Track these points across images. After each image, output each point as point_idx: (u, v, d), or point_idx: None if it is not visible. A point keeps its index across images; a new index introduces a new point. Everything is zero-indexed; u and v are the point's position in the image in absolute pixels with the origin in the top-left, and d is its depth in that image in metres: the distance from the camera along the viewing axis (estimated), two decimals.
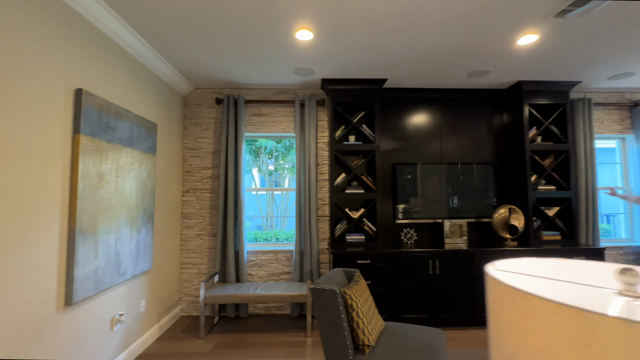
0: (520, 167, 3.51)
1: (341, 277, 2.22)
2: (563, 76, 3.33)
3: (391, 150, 3.68)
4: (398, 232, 3.60)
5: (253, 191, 5.88)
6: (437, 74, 3.25)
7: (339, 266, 3.03)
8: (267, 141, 5.08)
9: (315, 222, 3.41)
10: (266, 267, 3.54)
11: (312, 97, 3.52)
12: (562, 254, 3.11)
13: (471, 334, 2.94)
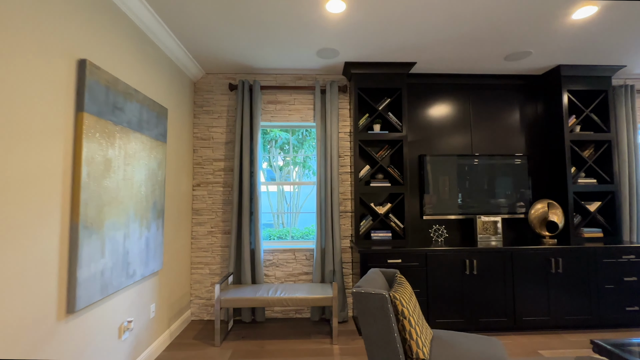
0: (558, 158, 3.25)
1: (381, 279, 1.95)
2: (606, 60, 3.07)
3: (417, 141, 3.41)
4: (426, 229, 3.33)
5: (266, 185, 5.60)
6: (471, 57, 2.98)
7: (367, 266, 2.76)
8: (280, 132, 4.81)
9: (338, 218, 3.14)
10: (284, 267, 3.26)
11: (333, 83, 3.25)
12: (606, 254, 2.85)
13: (513, 340, 2.68)
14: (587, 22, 2.39)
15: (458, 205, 3.27)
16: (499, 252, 2.82)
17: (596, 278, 2.84)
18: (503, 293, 2.80)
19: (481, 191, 3.30)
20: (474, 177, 3.30)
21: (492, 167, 3.32)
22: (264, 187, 5.68)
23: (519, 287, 2.80)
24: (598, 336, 2.73)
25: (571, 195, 3.15)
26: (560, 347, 2.55)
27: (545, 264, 2.83)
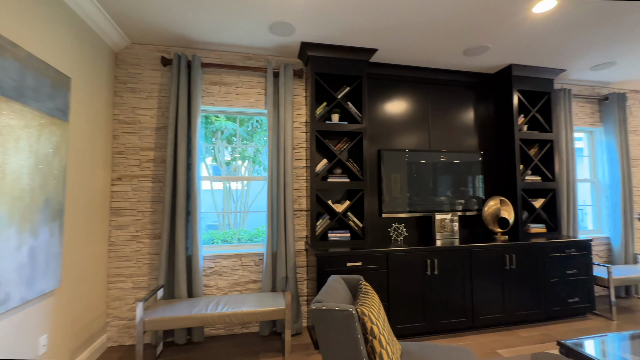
0: (508, 156, 3.31)
1: (343, 289, 1.65)
2: (550, 62, 3.20)
3: (377, 135, 3.22)
4: (385, 228, 3.15)
5: (209, 182, 4.98)
6: (432, 49, 2.87)
7: (324, 271, 2.46)
8: (227, 122, 4.27)
9: (291, 218, 2.79)
10: (228, 276, 2.81)
11: (287, 66, 2.88)
12: (552, 249, 2.94)
13: (473, 341, 2.60)
14: (542, 20, 2.39)
15: (417, 202, 3.14)
16: (458, 250, 2.73)
17: (544, 272, 2.91)
18: (462, 292, 2.72)
19: (439, 188, 3.22)
20: (432, 174, 3.21)
21: (450, 164, 3.26)
22: (207, 184, 5.08)
23: (476, 286, 2.75)
24: (545, 330, 2.79)
25: (520, 192, 3.22)
26: (516, 345, 2.52)
27: (501, 261, 2.82)
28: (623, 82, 3.79)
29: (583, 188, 4.47)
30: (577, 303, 2.97)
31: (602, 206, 3.89)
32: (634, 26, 2.51)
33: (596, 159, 3.95)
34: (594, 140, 3.97)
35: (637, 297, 3.61)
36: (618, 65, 3.26)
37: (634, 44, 2.81)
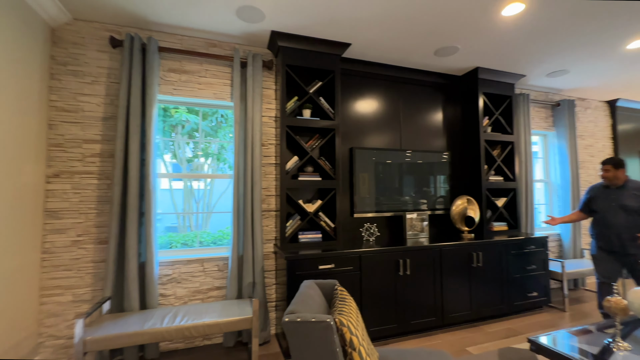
0: (474, 157, 3.41)
1: (318, 296, 1.52)
2: (513, 67, 3.34)
3: (349, 133, 3.13)
4: (357, 228, 3.08)
5: (168, 180, 4.57)
6: (404, 47, 2.84)
7: (295, 275, 2.31)
8: (188, 114, 3.94)
9: (259, 219, 2.60)
10: (188, 283, 2.55)
11: (256, 56, 2.69)
12: (514, 246, 3.06)
13: (443, 340, 2.61)
14: (509, 24, 2.46)
15: (387, 202, 3.11)
16: (430, 249, 2.73)
17: (507, 269, 3.02)
18: (433, 291, 2.72)
19: (409, 188, 3.22)
20: (403, 174, 3.20)
21: (421, 163, 3.28)
22: (165, 183, 4.68)
23: (446, 284, 2.77)
24: (509, 324, 2.89)
25: (484, 192, 3.33)
26: (483, 341, 2.57)
27: (468, 259, 2.86)
28: (572, 90, 4.09)
29: (537, 188, 4.77)
30: (535, 297, 3.12)
31: (554, 205, 4.17)
32: (587, 36, 2.67)
33: (549, 161, 4.23)
34: (547, 143, 4.25)
35: (583, 288, 3.91)
36: (570, 73, 3.49)
37: (585, 53, 3.01)
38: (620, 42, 2.77)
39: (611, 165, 2.57)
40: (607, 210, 2.62)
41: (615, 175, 2.56)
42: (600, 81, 3.75)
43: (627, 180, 2.58)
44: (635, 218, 2.49)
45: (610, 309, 1.66)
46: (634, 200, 2.50)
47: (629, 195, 2.52)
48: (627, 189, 2.55)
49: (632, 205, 2.49)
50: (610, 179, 2.58)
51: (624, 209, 2.52)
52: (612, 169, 2.56)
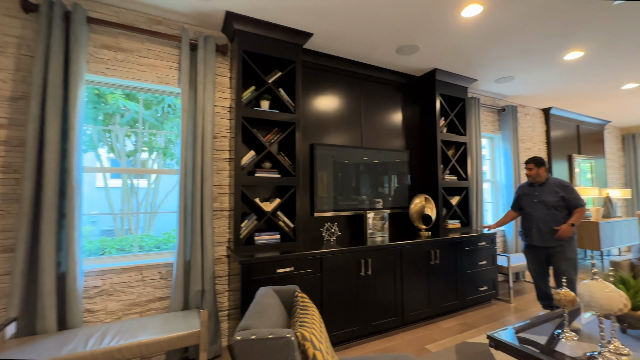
0: (431, 156, 3.48)
1: (277, 305, 1.35)
2: (467, 71, 3.48)
3: (309, 129, 2.99)
4: (317, 228, 2.94)
5: (103, 177, 4.00)
6: (367, 42, 2.78)
7: (250, 281, 2.10)
8: (126, 101, 3.47)
9: (210, 219, 2.34)
10: (123, 295, 2.19)
11: (209, 39, 2.42)
12: (467, 242, 3.18)
13: (402, 339, 2.58)
14: (466, 26, 2.52)
15: (348, 200, 3.03)
16: (391, 248, 2.69)
17: (461, 265, 3.11)
18: (393, 291, 2.69)
19: (370, 186, 3.18)
20: (363, 172, 3.15)
21: (381, 162, 3.25)
22: (100, 179, 4.10)
23: (406, 283, 2.76)
24: (463, 319, 2.97)
25: (440, 191, 3.41)
26: (441, 337, 2.59)
27: (427, 256, 2.89)
28: (515, 97, 4.42)
29: (485, 188, 5.08)
30: (485, 291, 3.27)
31: (499, 203, 4.46)
32: (534, 44, 2.85)
33: (495, 162, 4.52)
34: (494, 146, 4.54)
35: (524, 280, 4.23)
36: (515, 80, 3.75)
37: (530, 61, 3.23)
38: (560, 52, 3.01)
39: (533, 163, 2.77)
40: (530, 206, 2.81)
41: (537, 172, 2.75)
42: (539, 89, 4.09)
43: (548, 177, 2.78)
44: (553, 212, 2.67)
45: (560, 301, 1.72)
46: (553, 195, 2.68)
47: (549, 191, 2.71)
48: (547, 186, 2.74)
49: (551, 200, 2.68)
50: (533, 176, 2.78)
51: (544, 204, 2.71)
52: (534, 167, 2.76)
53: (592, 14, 2.39)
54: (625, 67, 3.39)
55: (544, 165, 2.76)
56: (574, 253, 2.69)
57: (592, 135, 5.76)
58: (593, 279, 1.51)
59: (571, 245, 2.68)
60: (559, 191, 2.67)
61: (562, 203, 2.67)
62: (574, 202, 2.63)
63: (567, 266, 2.66)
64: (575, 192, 2.66)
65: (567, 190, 2.66)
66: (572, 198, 2.64)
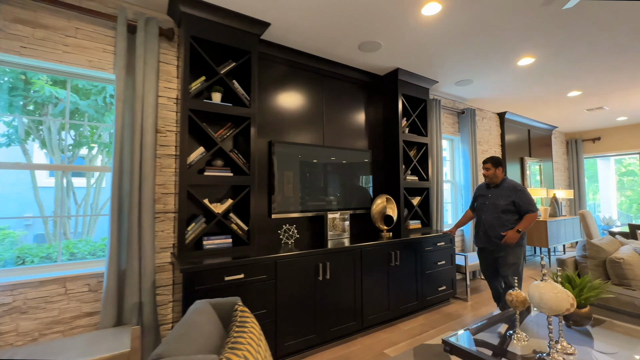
0: (393, 156, 3.46)
1: (209, 321, 1.17)
2: (429, 73, 3.50)
3: (267, 126, 2.82)
4: (275, 230, 2.78)
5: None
6: (327, 36, 2.67)
7: (194, 291, 1.89)
8: (56, 88, 3.05)
9: (151, 222, 2.09)
10: (40, 312, 1.88)
11: (151, 21, 2.17)
12: (427, 243, 3.19)
13: (361, 344, 2.50)
14: (427, 24, 2.49)
15: (309, 201, 2.90)
16: (350, 251, 2.60)
17: (421, 265, 3.11)
18: (353, 295, 2.60)
19: (331, 186, 3.07)
20: (325, 172, 3.04)
21: (343, 162, 3.16)
22: (41, 178, 3.62)
23: (366, 286, 2.68)
24: (422, 319, 2.96)
25: (402, 191, 3.40)
26: (400, 340, 2.55)
27: (387, 258, 2.84)
28: (474, 100, 4.56)
29: (445, 189, 5.21)
30: (444, 290, 3.30)
31: (458, 204, 4.58)
32: (490, 47, 2.91)
33: (455, 163, 4.64)
34: (454, 147, 4.65)
35: (480, 278, 4.37)
36: (474, 83, 3.85)
37: (487, 65, 3.32)
38: (514, 57, 3.11)
39: (490, 163, 2.71)
40: (482, 207, 2.77)
41: (494, 173, 2.69)
42: (495, 93, 4.25)
43: (504, 179, 2.72)
44: (502, 216, 2.61)
45: (512, 302, 1.72)
46: (504, 199, 2.62)
47: (502, 195, 2.65)
48: (501, 188, 2.68)
49: (501, 203, 2.62)
50: (490, 176, 2.72)
51: (495, 207, 2.66)
52: (492, 167, 2.70)
53: (543, 20, 2.47)
54: (571, 75, 3.60)
55: (501, 166, 2.72)
56: (517, 258, 2.62)
57: (541, 140, 6.15)
58: (543, 280, 1.51)
59: (515, 251, 2.62)
60: (511, 195, 2.61)
61: (512, 207, 2.60)
62: (524, 207, 2.57)
63: (507, 271, 2.62)
64: (527, 197, 2.59)
65: (519, 194, 2.60)
66: (523, 203, 2.57)
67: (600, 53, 3.06)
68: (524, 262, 2.70)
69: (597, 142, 6.72)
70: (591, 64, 3.32)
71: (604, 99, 4.55)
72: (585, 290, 1.77)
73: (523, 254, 2.67)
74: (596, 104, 4.77)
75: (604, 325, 1.92)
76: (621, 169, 8.15)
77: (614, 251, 2.72)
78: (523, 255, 2.67)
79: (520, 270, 2.66)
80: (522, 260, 2.65)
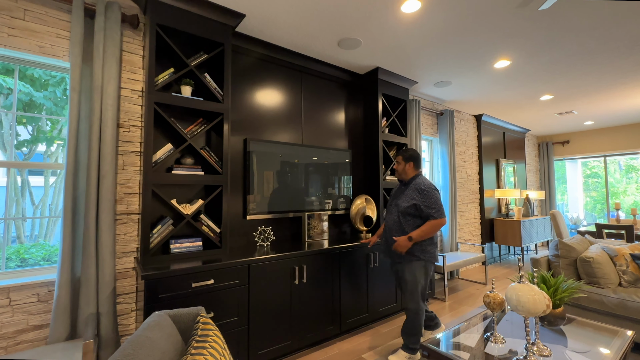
0: (373, 156, 3.42)
1: (165, 337, 1.05)
2: (408, 73, 3.49)
3: (242, 122, 2.70)
4: (250, 232, 2.66)
5: None
6: (305, 31, 2.58)
7: (157, 299, 1.74)
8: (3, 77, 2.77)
9: (111, 225, 1.92)
10: None
11: (112, 5, 1.99)
12: None
13: (339, 349, 2.42)
14: (406, 22, 2.46)
15: (286, 201, 2.80)
16: (328, 253, 2.52)
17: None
18: (331, 298, 2.51)
19: (309, 186, 2.98)
20: (304, 171, 2.94)
21: (322, 161, 3.08)
22: None
23: (344, 289, 2.61)
24: (400, 321, 2.93)
25: (382, 191, 3.36)
26: (379, 344, 2.50)
27: (366, 260, 2.78)
28: (452, 102, 4.61)
29: None
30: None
31: None
32: (468, 48, 2.93)
33: (434, 164, 4.67)
34: (433, 148, 4.69)
35: (457, 277, 4.42)
36: (452, 85, 3.88)
37: (465, 66, 3.34)
38: (490, 59, 3.15)
39: (401, 156, 2.31)
40: (388, 209, 2.37)
41: (403, 169, 2.30)
42: (472, 95, 4.31)
43: (414, 177, 2.28)
44: (402, 220, 2.21)
45: (490, 304, 1.69)
46: (407, 200, 2.20)
47: (406, 195, 2.23)
48: (408, 188, 2.25)
49: (403, 205, 2.21)
50: (399, 172, 2.32)
51: (397, 209, 2.26)
52: (402, 161, 2.30)
53: (519, 23, 2.50)
54: (544, 78, 3.71)
55: (413, 162, 2.28)
56: (412, 276, 2.16)
57: (515, 142, 6.35)
58: (520, 282, 1.49)
59: (412, 266, 2.16)
60: (414, 196, 2.17)
61: (413, 211, 2.17)
62: (425, 211, 2.12)
63: (403, 287, 2.22)
64: (432, 199, 2.12)
65: (422, 195, 2.14)
66: (425, 206, 2.12)
67: (572, 58, 3.15)
68: (427, 282, 2.22)
69: (566, 145, 7.02)
70: (563, 68, 3.42)
71: (573, 103, 4.74)
72: (560, 290, 1.77)
73: (425, 272, 2.18)
74: (566, 108, 4.96)
75: (575, 323, 1.95)
76: (587, 171, 8.58)
77: (584, 250, 2.79)
78: (425, 274, 2.18)
79: (419, 291, 2.16)
80: (420, 280, 2.17)
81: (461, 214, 4.88)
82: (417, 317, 2.17)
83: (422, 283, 2.19)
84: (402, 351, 2.22)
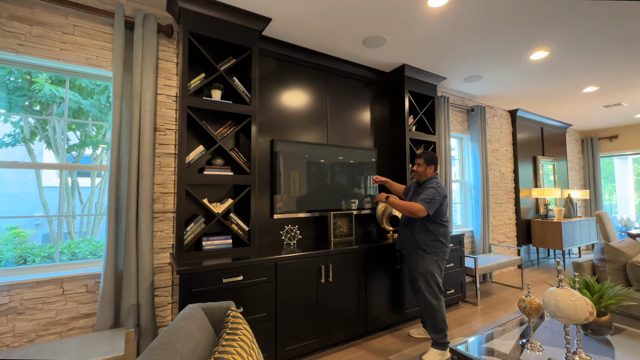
0: (400, 155, 3.36)
1: (199, 328, 1.11)
2: (436, 69, 3.39)
3: (269, 124, 2.76)
4: (277, 231, 2.71)
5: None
6: (330, 31, 2.59)
7: (190, 293, 1.83)
8: (51, 85, 3.04)
9: (149, 222, 2.05)
10: (37, 313, 1.85)
11: (149, 17, 2.13)
12: None
13: (366, 349, 2.41)
14: (434, 17, 2.39)
15: (312, 201, 2.83)
16: (354, 252, 2.51)
17: None
18: (357, 298, 2.51)
19: (336, 186, 2.99)
20: (330, 171, 2.96)
21: (348, 161, 3.08)
22: (48, 177, 3.64)
23: (371, 289, 2.59)
24: None
25: None
26: (406, 347, 2.45)
27: (393, 260, 2.74)
28: (484, 97, 4.41)
29: (454, 188, 5.07)
30: (453, 294, 3.18)
31: (467, 204, 4.44)
32: (500, 41, 2.79)
33: (464, 163, 4.50)
34: (463, 146, 4.51)
35: (490, 281, 4.22)
36: (484, 79, 3.71)
37: (497, 60, 3.18)
38: (526, 51, 2.98)
39: (423, 159, 2.36)
40: None
41: (424, 171, 2.35)
42: (506, 90, 4.10)
43: (429, 179, 2.34)
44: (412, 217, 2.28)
45: (525, 309, 1.61)
46: (416, 198, 2.27)
47: (418, 193, 2.32)
48: (422, 187, 2.32)
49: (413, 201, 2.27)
50: (420, 174, 2.38)
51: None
52: (424, 164, 2.35)
53: (556, 11, 2.34)
54: (586, 69, 3.44)
55: (434, 165, 2.35)
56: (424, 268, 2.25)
57: (555, 138, 5.94)
58: (559, 286, 1.40)
59: (425, 259, 2.24)
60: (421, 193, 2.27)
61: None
62: (419, 197, 2.21)
63: (421, 282, 2.27)
64: (430, 192, 2.20)
65: (424, 190, 2.25)
66: (422, 194, 2.23)
67: (619, 45, 2.90)
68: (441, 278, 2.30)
69: (614, 140, 6.46)
70: (609, 58, 3.15)
71: (622, 95, 4.35)
72: (605, 297, 1.65)
73: (439, 267, 2.27)
74: (614, 100, 4.56)
75: (625, 334, 1.79)
76: (639, 168, 7.83)
77: (634, 255, 2.56)
78: (438, 268, 2.27)
79: (434, 284, 2.25)
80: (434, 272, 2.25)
81: (494, 214, 4.65)
82: (439, 312, 2.24)
83: (436, 277, 2.27)
84: (434, 349, 2.24)
